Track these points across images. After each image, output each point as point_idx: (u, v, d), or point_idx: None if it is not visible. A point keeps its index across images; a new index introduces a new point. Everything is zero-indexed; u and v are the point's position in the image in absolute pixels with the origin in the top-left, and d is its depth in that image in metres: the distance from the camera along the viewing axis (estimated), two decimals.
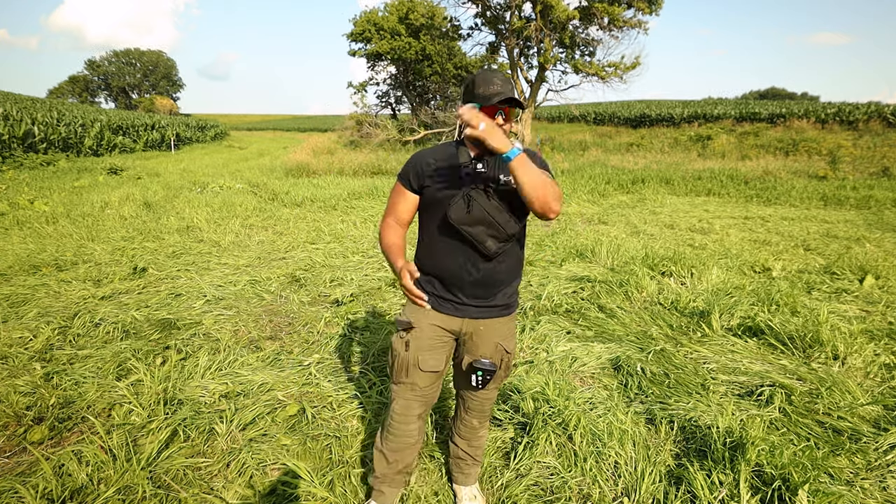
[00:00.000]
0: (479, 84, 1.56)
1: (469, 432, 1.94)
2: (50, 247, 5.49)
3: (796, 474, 1.86)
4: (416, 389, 1.73)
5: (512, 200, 1.57)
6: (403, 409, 1.76)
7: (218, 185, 10.38)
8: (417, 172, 1.67)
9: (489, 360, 1.70)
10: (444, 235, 1.63)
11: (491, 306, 1.68)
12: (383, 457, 1.83)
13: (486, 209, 1.55)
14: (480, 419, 1.91)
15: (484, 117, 1.37)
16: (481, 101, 1.53)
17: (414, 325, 1.70)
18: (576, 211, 8.57)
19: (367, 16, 25.29)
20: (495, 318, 1.70)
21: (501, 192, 1.57)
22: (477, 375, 1.72)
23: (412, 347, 1.69)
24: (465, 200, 1.55)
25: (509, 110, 1.57)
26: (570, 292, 4.20)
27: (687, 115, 24.84)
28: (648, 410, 2.53)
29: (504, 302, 1.71)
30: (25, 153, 15.47)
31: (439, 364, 1.72)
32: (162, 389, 2.66)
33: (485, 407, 1.89)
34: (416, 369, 1.70)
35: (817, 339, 3.09)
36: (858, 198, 9.43)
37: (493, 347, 1.72)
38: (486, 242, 1.58)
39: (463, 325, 1.70)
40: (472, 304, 1.67)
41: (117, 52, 79.33)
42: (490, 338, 1.71)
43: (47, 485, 1.95)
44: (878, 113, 19.99)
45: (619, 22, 18.81)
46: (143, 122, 26.71)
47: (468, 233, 1.56)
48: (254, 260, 5.28)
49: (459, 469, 2.00)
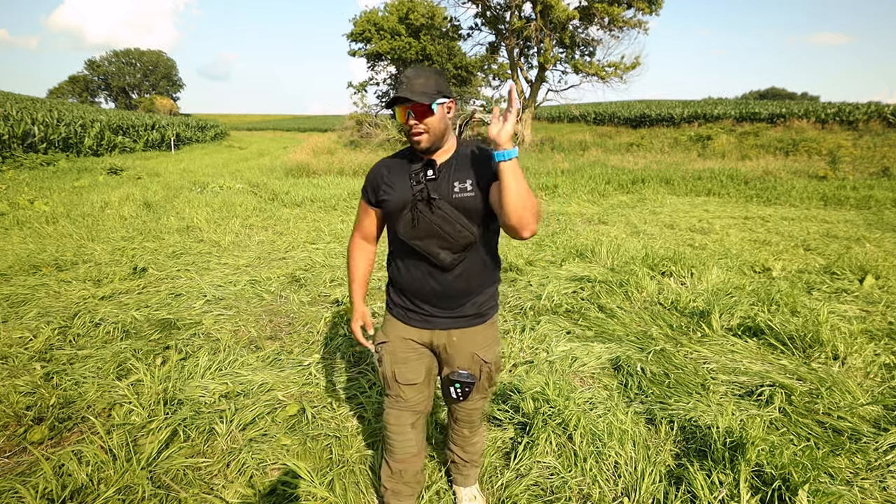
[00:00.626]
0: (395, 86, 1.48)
1: (462, 440, 1.91)
2: (50, 247, 5.49)
3: (796, 474, 1.86)
4: (401, 401, 1.71)
5: (469, 208, 1.47)
6: (395, 419, 1.74)
7: (218, 185, 10.38)
8: (374, 185, 1.61)
9: (467, 372, 1.65)
10: (402, 248, 1.59)
11: (459, 317, 1.61)
12: (387, 466, 1.82)
13: (434, 222, 1.46)
14: (470, 429, 1.88)
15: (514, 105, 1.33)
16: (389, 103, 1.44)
17: (386, 340, 1.68)
18: (576, 211, 8.57)
19: (367, 16, 25.31)
20: (468, 328, 1.63)
21: (456, 201, 1.47)
22: (455, 388, 1.67)
23: (386, 361, 1.68)
24: (412, 214, 1.48)
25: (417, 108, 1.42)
26: (570, 292, 4.20)
27: (687, 115, 24.86)
28: (648, 410, 2.53)
29: (474, 311, 1.62)
30: (25, 153, 15.47)
31: (417, 376, 1.67)
32: (162, 389, 2.66)
33: (472, 418, 1.84)
34: (395, 382, 1.68)
35: (817, 339, 3.09)
36: (858, 198, 9.42)
37: (469, 358, 1.65)
38: (438, 255, 1.50)
39: (433, 337, 1.64)
40: (439, 315, 1.61)
41: (117, 52, 79.41)
42: (466, 348, 1.64)
43: (47, 485, 1.95)
44: (878, 113, 20.00)
45: (619, 22, 18.83)
46: (143, 122, 26.71)
47: (418, 247, 1.51)
48: (254, 260, 5.28)
49: (458, 471, 1.99)
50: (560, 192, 10.33)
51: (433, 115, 1.43)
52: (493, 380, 1.76)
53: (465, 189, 1.47)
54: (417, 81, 1.42)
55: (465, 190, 1.47)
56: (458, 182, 1.48)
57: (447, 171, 1.50)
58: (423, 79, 1.42)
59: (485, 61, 24.12)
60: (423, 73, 1.44)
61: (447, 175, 1.49)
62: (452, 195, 1.47)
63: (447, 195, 1.47)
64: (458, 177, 1.48)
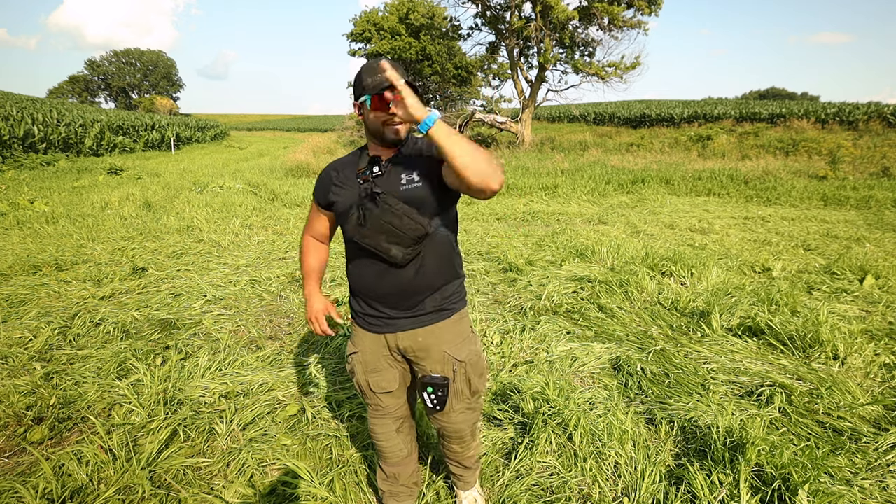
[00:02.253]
0: (366, 74, 1.42)
1: (454, 455, 1.83)
2: (50, 247, 5.49)
3: (796, 474, 1.86)
4: (381, 409, 1.69)
5: (418, 199, 1.45)
6: (380, 427, 1.73)
7: (218, 185, 10.38)
8: (323, 187, 1.60)
9: (440, 375, 1.57)
10: (353, 250, 1.56)
11: (419, 315, 1.54)
12: (382, 472, 1.82)
13: (382, 218, 1.42)
14: (461, 444, 1.77)
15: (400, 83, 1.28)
16: (370, 90, 1.40)
17: (356, 350, 1.65)
18: (576, 211, 8.57)
19: (367, 16, 25.31)
20: (431, 326, 1.55)
21: (403, 194, 1.45)
22: (428, 393, 1.58)
23: (358, 372, 1.65)
24: (359, 212, 1.45)
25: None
26: (570, 292, 4.20)
27: (687, 115, 24.83)
28: (648, 410, 2.53)
29: (435, 307, 1.55)
30: (25, 153, 15.48)
31: (391, 384, 1.64)
32: (162, 389, 2.65)
33: (462, 434, 1.72)
34: (370, 392, 1.66)
35: (817, 339, 3.09)
36: (858, 198, 9.42)
37: (440, 358, 1.56)
38: (389, 251, 1.44)
39: (399, 341, 1.57)
40: (399, 316, 1.54)
41: (117, 52, 79.51)
42: (434, 347, 1.56)
43: (47, 485, 1.95)
44: (878, 113, 19.97)
45: (619, 22, 18.81)
46: (143, 122, 26.71)
47: (368, 245, 1.45)
48: (254, 260, 5.28)
49: (457, 477, 1.95)
50: (560, 192, 10.33)
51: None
52: (474, 384, 1.63)
53: (412, 180, 1.46)
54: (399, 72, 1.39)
55: (412, 181, 1.46)
56: (404, 174, 1.47)
57: (394, 165, 1.49)
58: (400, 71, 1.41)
59: (485, 61, 24.10)
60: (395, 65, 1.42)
61: (394, 168, 1.48)
62: (400, 188, 1.45)
63: (394, 188, 1.45)
64: (405, 169, 1.48)
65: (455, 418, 1.66)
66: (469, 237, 6.31)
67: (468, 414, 1.69)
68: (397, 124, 1.43)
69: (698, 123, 23.68)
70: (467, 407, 1.67)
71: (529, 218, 8.03)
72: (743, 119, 23.09)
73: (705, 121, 23.90)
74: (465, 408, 1.66)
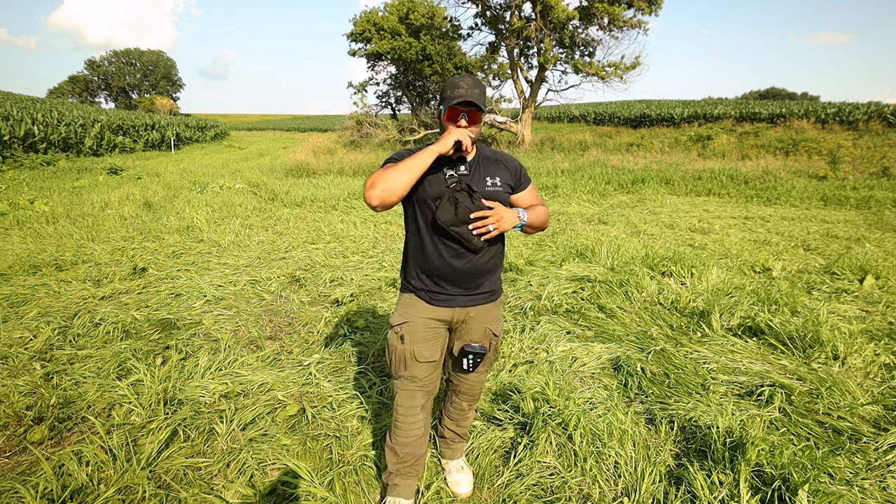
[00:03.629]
0: (448, 87, 1.63)
1: (458, 414, 2.05)
2: (50, 247, 5.49)
3: (796, 474, 1.86)
4: (415, 381, 1.80)
5: (500, 200, 1.68)
6: (407, 400, 1.83)
7: (218, 185, 10.38)
8: None
9: (479, 344, 1.81)
10: (431, 233, 1.70)
11: (478, 293, 1.78)
12: (393, 453, 1.88)
13: (472, 210, 1.60)
14: (470, 402, 2.03)
15: (497, 214, 1.58)
16: (447, 102, 1.60)
17: (406, 320, 1.77)
18: (576, 211, 8.57)
19: (367, 16, 25.29)
20: (484, 305, 1.80)
21: (489, 194, 1.67)
22: (468, 359, 1.82)
23: (407, 341, 1.76)
24: (451, 202, 1.60)
25: (473, 113, 1.62)
26: (570, 292, 4.20)
27: (687, 115, 24.83)
28: (648, 410, 2.53)
29: (490, 289, 1.81)
30: (25, 153, 15.48)
31: (434, 354, 1.79)
32: (162, 389, 2.66)
33: (475, 390, 2.00)
34: (413, 361, 1.77)
35: (817, 339, 3.09)
36: (858, 198, 9.42)
37: (482, 332, 1.83)
38: (472, 240, 1.63)
39: (454, 315, 1.78)
40: (461, 294, 1.76)
41: (117, 52, 79.52)
42: (480, 323, 1.81)
43: (47, 485, 1.96)
44: (878, 113, 19.97)
45: (619, 22, 18.82)
46: (143, 122, 26.71)
47: (456, 233, 1.62)
48: (254, 260, 5.28)
49: (447, 446, 2.13)
50: (560, 192, 10.33)
51: (479, 124, 1.66)
52: (498, 352, 1.98)
53: (495, 184, 1.71)
54: (475, 91, 1.60)
55: (495, 185, 1.71)
56: (489, 178, 1.71)
57: (476, 168, 1.72)
58: (479, 90, 1.62)
59: (485, 61, 24.10)
60: (479, 85, 1.63)
61: (478, 171, 1.71)
62: (486, 188, 1.69)
63: (481, 188, 1.68)
64: (488, 174, 1.72)
65: (476, 378, 1.97)
66: None
67: (484, 375, 2.01)
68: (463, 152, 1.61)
69: (698, 123, 23.68)
70: (486, 369, 1.99)
71: None
72: (743, 119, 23.09)
73: (705, 121, 23.89)
74: (486, 370, 1.98)
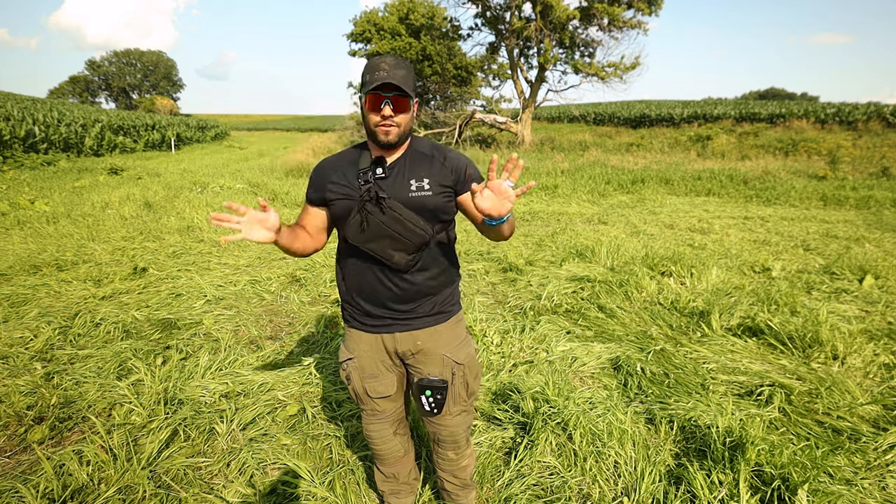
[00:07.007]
0: (366, 70, 1.34)
1: (449, 465, 1.76)
2: (50, 247, 5.49)
3: (796, 474, 1.86)
4: (377, 414, 1.65)
5: (427, 207, 1.42)
6: (376, 431, 1.68)
7: (218, 185, 10.38)
8: (318, 184, 1.49)
9: (437, 378, 1.54)
10: (353, 252, 1.48)
11: (418, 317, 1.51)
12: (380, 473, 1.81)
13: (385, 224, 1.38)
14: (455, 450, 1.71)
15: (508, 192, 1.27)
16: (365, 87, 1.34)
17: (352, 356, 1.58)
18: (576, 211, 8.57)
19: (367, 16, 25.31)
20: (434, 328, 1.53)
21: (413, 200, 1.41)
22: (426, 396, 1.55)
23: (354, 378, 1.59)
24: (361, 216, 1.39)
25: (397, 99, 1.34)
26: (570, 292, 4.20)
27: (687, 115, 24.83)
28: (648, 410, 2.53)
29: (433, 310, 1.53)
30: (26, 153, 15.49)
31: (388, 389, 1.60)
32: (162, 389, 2.66)
33: (456, 437, 1.67)
34: (367, 397, 1.61)
35: (817, 339, 3.09)
36: (858, 198, 9.42)
37: (439, 361, 1.54)
38: (392, 258, 1.42)
39: (397, 343, 1.53)
40: (397, 317, 1.51)
41: (117, 52, 79.48)
42: (433, 350, 1.53)
43: (48, 484, 1.96)
44: (877, 113, 19.98)
45: (619, 22, 18.83)
46: (143, 122, 26.72)
47: (370, 249, 1.41)
48: (254, 260, 5.28)
49: (451, 499, 1.84)
50: (560, 192, 10.33)
51: (408, 112, 1.38)
52: (471, 387, 1.61)
53: (422, 188, 1.41)
54: (399, 72, 1.32)
55: (422, 189, 1.41)
56: (414, 180, 1.41)
57: (400, 168, 1.43)
58: (405, 71, 1.34)
59: (485, 61, 24.12)
60: (404, 64, 1.36)
61: (401, 172, 1.43)
62: (409, 193, 1.41)
63: (402, 194, 1.40)
64: (415, 175, 1.42)
65: (451, 421, 1.63)
66: (469, 237, 6.31)
67: (464, 416, 1.66)
68: (389, 127, 1.36)
69: (698, 123, 23.68)
70: (463, 409, 1.64)
71: (529, 218, 8.04)
72: (742, 119, 23.09)
73: (705, 121, 23.89)
74: (461, 410, 1.63)
